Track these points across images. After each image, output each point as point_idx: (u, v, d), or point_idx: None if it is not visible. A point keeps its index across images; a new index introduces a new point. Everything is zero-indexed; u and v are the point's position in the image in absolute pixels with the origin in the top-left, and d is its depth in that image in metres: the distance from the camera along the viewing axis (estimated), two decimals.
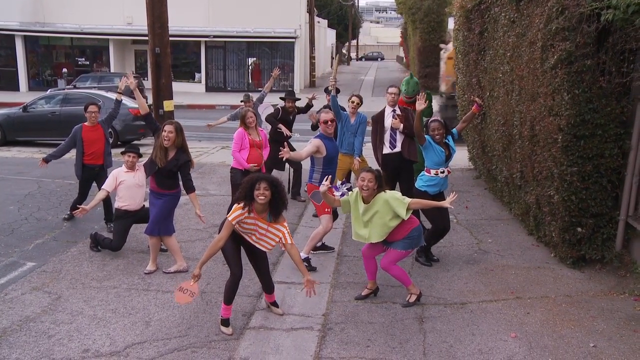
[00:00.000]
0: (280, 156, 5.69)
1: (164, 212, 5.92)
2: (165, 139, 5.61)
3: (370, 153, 7.56)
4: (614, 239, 6.01)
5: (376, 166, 6.73)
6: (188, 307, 5.16)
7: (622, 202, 5.87)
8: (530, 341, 4.63)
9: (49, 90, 18.99)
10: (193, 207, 5.89)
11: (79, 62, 29.91)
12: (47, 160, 7.38)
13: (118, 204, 6.29)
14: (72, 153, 7.43)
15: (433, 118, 6.19)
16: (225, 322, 4.83)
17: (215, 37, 28.75)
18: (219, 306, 4.95)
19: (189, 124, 15.39)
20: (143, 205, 6.42)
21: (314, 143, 6.01)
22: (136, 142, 13.70)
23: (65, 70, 27.63)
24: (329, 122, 6.08)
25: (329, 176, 5.22)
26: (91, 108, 7.26)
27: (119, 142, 13.19)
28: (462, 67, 10.01)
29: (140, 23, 19.25)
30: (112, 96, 13.78)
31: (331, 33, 49.23)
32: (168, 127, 5.63)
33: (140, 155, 6.44)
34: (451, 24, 15.74)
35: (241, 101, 9.56)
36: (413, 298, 5.29)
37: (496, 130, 7.91)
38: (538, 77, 6.16)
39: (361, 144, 7.66)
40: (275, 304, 5.16)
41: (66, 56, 30.34)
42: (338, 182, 5.59)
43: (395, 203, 4.99)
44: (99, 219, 7.60)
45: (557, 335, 4.72)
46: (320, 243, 6.51)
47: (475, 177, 10.24)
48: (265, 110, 9.46)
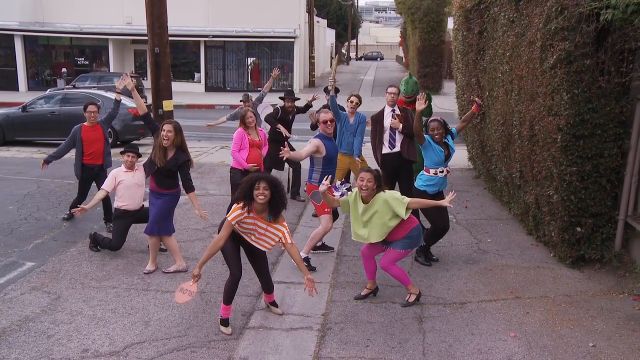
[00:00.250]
0: (280, 155, 5.69)
1: (164, 212, 5.92)
2: (164, 139, 5.62)
3: (369, 153, 7.56)
4: (613, 239, 6.02)
5: (375, 166, 6.73)
6: (187, 307, 5.16)
7: (622, 202, 5.88)
8: (529, 341, 4.64)
9: (48, 90, 18.96)
10: (192, 207, 5.89)
11: (79, 62, 29.89)
12: (48, 161, 7.37)
13: (117, 204, 6.29)
14: (72, 153, 7.43)
15: (432, 118, 6.19)
16: (224, 322, 4.83)
17: (214, 37, 28.76)
18: (219, 306, 4.95)
19: (189, 124, 15.38)
20: (142, 205, 6.42)
21: (314, 143, 6.01)
22: (135, 142, 13.70)
23: (64, 70, 27.60)
24: (328, 122, 6.08)
25: (329, 176, 5.22)
26: (90, 108, 7.25)
27: (119, 142, 13.19)
28: (462, 67, 10.01)
29: (139, 23, 19.28)
30: (112, 96, 13.78)
31: (330, 33, 49.24)
32: (167, 127, 5.63)
33: (139, 155, 6.44)
34: (450, 24, 15.76)
35: (240, 101, 9.56)
36: (412, 298, 5.29)
37: (495, 130, 7.92)
38: (537, 77, 6.17)
39: (360, 144, 7.66)
40: (274, 304, 5.16)
41: (65, 56, 30.33)
42: (337, 182, 5.59)
43: (394, 203, 4.99)
44: (99, 219, 7.60)
45: (557, 335, 4.72)
46: (319, 243, 6.51)
47: (474, 177, 10.24)
48: (264, 110, 9.46)
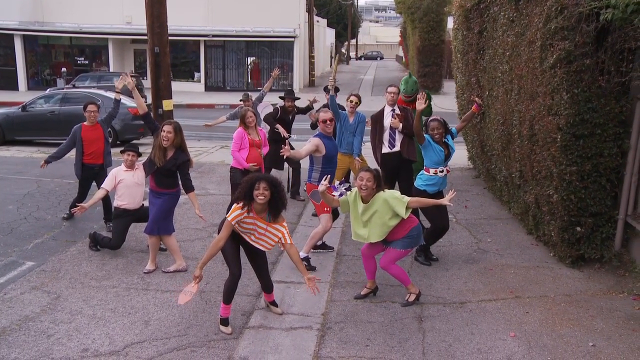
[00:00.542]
0: (280, 154, 5.70)
1: (164, 212, 5.92)
2: (164, 139, 5.62)
3: (369, 152, 7.56)
4: (613, 238, 6.02)
5: (375, 166, 6.73)
6: (187, 307, 5.16)
7: (621, 201, 5.88)
8: (529, 340, 4.64)
9: (48, 89, 18.97)
10: (192, 207, 5.89)
11: (78, 62, 29.88)
12: (48, 161, 7.37)
13: (117, 203, 6.29)
14: (73, 153, 7.42)
15: (432, 117, 6.19)
16: (224, 322, 4.83)
17: (214, 37, 28.76)
18: (218, 305, 4.95)
19: (188, 124, 15.38)
20: (142, 204, 6.42)
21: (313, 142, 6.01)
22: (135, 142, 13.68)
23: (64, 69, 27.59)
24: (328, 122, 6.08)
25: (328, 176, 5.21)
26: (90, 107, 7.25)
27: (118, 142, 13.19)
28: (461, 67, 10.00)
29: (139, 22, 19.27)
30: (112, 95, 13.79)
31: (330, 32, 49.22)
32: (167, 127, 5.64)
33: (139, 154, 6.43)
34: (450, 23, 15.75)
35: (240, 100, 9.55)
36: (412, 297, 5.29)
37: (495, 129, 7.91)
38: (537, 77, 6.16)
39: (360, 144, 7.66)
40: (274, 304, 5.16)
41: (65, 55, 30.32)
42: (336, 182, 5.59)
43: (394, 202, 4.99)
44: (98, 219, 7.60)
45: (556, 334, 4.72)
46: (319, 242, 6.51)
47: (474, 177, 10.24)
48: (264, 109, 9.46)
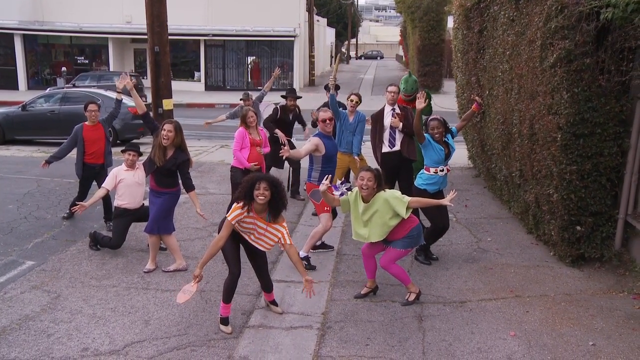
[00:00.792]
0: (280, 155, 5.70)
1: (164, 211, 5.92)
2: (164, 138, 5.62)
3: (369, 152, 7.56)
4: (613, 238, 6.02)
5: (375, 165, 6.72)
6: (187, 306, 5.16)
7: (621, 201, 5.88)
8: (529, 340, 4.64)
9: (48, 89, 18.96)
10: (192, 206, 5.89)
11: (78, 61, 29.89)
12: (49, 161, 7.35)
13: (117, 202, 6.29)
14: (73, 152, 7.41)
15: (432, 116, 6.19)
16: (224, 321, 4.83)
17: (214, 36, 28.77)
18: (218, 305, 4.95)
19: (188, 123, 15.38)
20: (142, 203, 6.42)
21: (313, 142, 6.01)
22: (136, 141, 13.67)
23: (64, 69, 27.59)
24: (327, 121, 6.08)
25: (329, 175, 5.21)
26: (91, 107, 7.24)
27: (118, 141, 13.19)
28: (462, 66, 10.00)
29: (139, 22, 19.26)
30: (111, 95, 13.83)
31: (330, 32, 49.22)
32: (167, 127, 5.64)
33: (140, 153, 6.43)
34: (450, 23, 15.75)
35: (240, 99, 9.55)
36: (412, 297, 5.29)
37: (495, 128, 7.91)
38: (537, 76, 6.16)
39: (360, 143, 7.65)
40: (274, 303, 5.16)
41: (65, 55, 30.33)
42: (338, 182, 5.58)
43: (395, 202, 4.99)
44: (99, 218, 7.60)
45: (556, 333, 4.73)
46: (319, 242, 6.51)
47: (474, 176, 10.24)
48: (266, 108, 9.45)
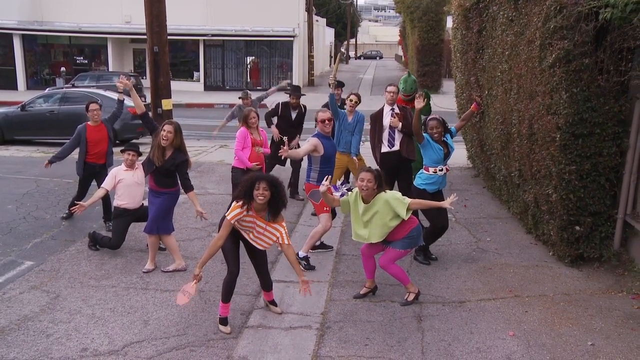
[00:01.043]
0: (279, 154, 5.70)
1: (163, 211, 5.92)
2: (163, 138, 5.62)
3: (368, 152, 7.56)
4: (612, 238, 6.02)
5: (374, 165, 6.73)
6: (186, 306, 5.15)
7: (620, 201, 5.88)
8: (528, 339, 4.64)
9: (47, 89, 18.94)
10: (191, 206, 5.89)
11: (78, 61, 29.88)
12: (52, 161, 7.31)
13: (117, 202, 6.29)
14: (75, 151, 7.39)
15: (431, 116, 6.19)
16: (223, 321, 4.82)
17: (213, 36, 28.76)
18: (217, 305, 4.95)
19: (188, 123, 15.41)
20: (142, 203, 6.42)
21: (312, 142, 6.01)
22: (135, 141, 13.65)
23: (63, 69, 27.57)
24: (326, 121, 6.08)
25: (329, 176, 5.21)
26: (92, 107, 7.21)
27: (117, 141, 13.15)
28: (461, 66, 10.01)
29: (138, 22, 19.28)
30: (111, 95, 13.82)
31: (330, 32, 49.21)
32: (168, 127, 5.64)
33: (139, 153, 6.43)
34: (449, 23, 15.74)
35: (239, 97, 9.55)
36: (411, 297, 5.29)
37: (495, 128, 7.92)
38: (536, 76, 6.16)
39: (358, 143, 7.66)
40: (273, 303, 5.16)
41: (64, 55, 30.31)
42: (338, 182, 5.58)
43: (395, 203, 4.99)
44: (98, 218, 7.59)
45: (555, 333, 4.73)
46: (318, 242, 6.51)
47: (473, 176, 10.24)
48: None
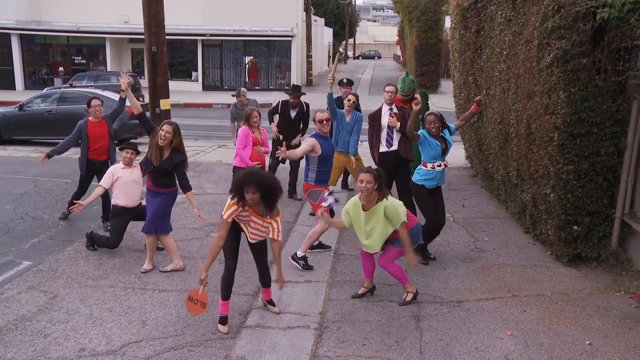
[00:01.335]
0: (276, 155, 5.70)
1: (161, 211, 5.92)
2: (161, 138, 5.61)
3: (366, 152, 7.56)
4: (610, 237, 6.03)
5: (372, 164, 6.72)
6: (184, 307, 5.14)
7: (618, 200, 5.89)
8: (526, 339, 4.64)
9: (45, 89, 18.93)
10: (189, 206, 5.89)
11: (76, 61, 29.85)
12: (50, 155, 7.34)
13: (115, 201, 6.29)
14: (72, 151, 7.39)
15: (429, 111, 6.20)
16: (223, 320, 4.81)
17: (212, 36, 28.75)
18: (216, 305, 4.95)
19: (186, 123, 15.38)
20: (140, 202, 6.42)
21: (309, 142, 6.01)
22: (133, 141, 13.65)
23: (61, 68, 27.56)
24: (324, 122, 6.08)
25: (327, 206, 5.17)
26: (94, 102, 7.27)
27: (116, 141, 13.13)
28: (459, 66, 10.01)
29: (136, 22, 19.26)
30: (109, 95, 13.81)
31: (328, 31, 49.18)
32: (166, 127, 5.63)
33: (138, 152, 6.44)
34: (448, 23, 15.75)
35: (232, 95, 9.58)
36: (409, 296, 5.29)
37: (493, 128, 7.92)
38: (534, 76, 6.17)
39: (356, 143, 7.65)
40: (271, 303, 5.15)
41: (62, 55, 30.27)
42: (325, 193, 5.54)
43: (393, 216, 4.96)
44: (96, 218, 7.59)
45: (553, 333, 4.73)
46: (317, 242, 6.51)
47: (471, 176, 10.25)
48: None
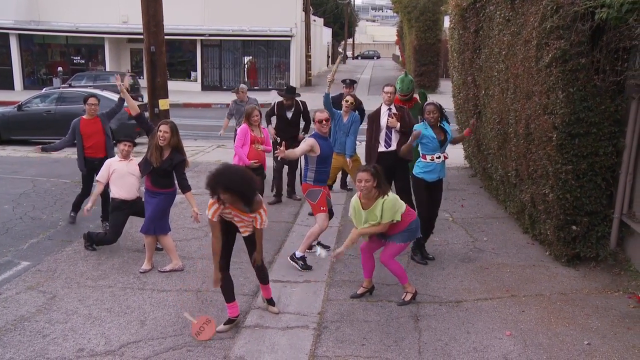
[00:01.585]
0: (275, 155, 5.70)
1: (160, 211, 5.91)
2: (160, 139, 5.61)
3: (363, 151, 7.54)
4: (609, 237, 6.03)
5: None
6: (184, 307, 5.15)
7: (617, 200, 5.89)
8: (525, 339, 4.65)
9: (44, 89, 18.92)
10: (188, 207, 5.89)
11: (75, 61, 29.83)
12: (45, 149, 7.39)
13: (113, 194, 6.30)
14: (71, 151, 7.40)
15: (428, 102, 6.21)
16: (228, 321, 4.77)
17: (211, 36, 28.74)
18: (215, 305, 4.95)
19: (185, 123, 15.38)
20: (139, 196, 6.40)
21: (308, 142, 6.01)
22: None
23: (60, 68, 27.47)
24: (324, 122, 6.07)
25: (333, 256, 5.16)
26: (91, 100, 7.31)
27: (114, 141, 13.14)
28: (458, 66, 10.02)
29: (135, 22, 19.25)
30: (108, 95, 13.80)
31: (327, 32, 49.20)
32: (163, 127, 5.64)
33: (135, 144, 6.53)
34: (447, 23, 15.77)
35: (232, 91, 9.60)
36: (408, 296, 5.30)
37: (491, 128, 7.93)
38: (533, 76, 6.18)
39: (353, 144, 7.63)
40: (271, 302, 5.14)
41: (61, 55, 30.24)
42: (318, 249, 5.47)
43: (387, 210, 4.96)
44: (95, 218, 7.57)
45: (552, 333, 4.74)
46: (315, 242, 6.51)
47: (470, 176, 10.25)
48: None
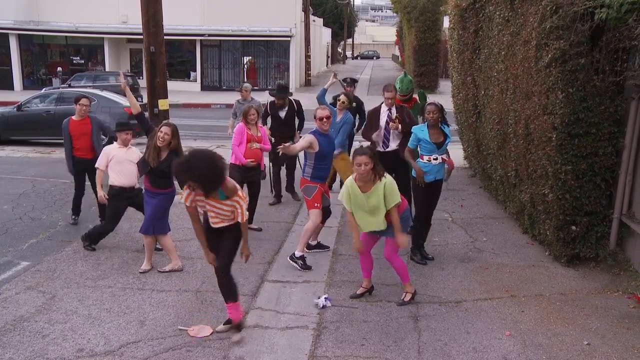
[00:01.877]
0: (277, 150, 5.72)
1: (159, 211, 5.91)
2: (159, 139, 5.61)
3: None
4: (608, 237, 6.04)
5: None
6: (183, 307, 5.15)
7: (616, 201, 5.89)
8: (524, 339, 4.65)
9: (44, 89, 18.91)
10: None
11: (74, 61, 29.79)
12: (70, 170, 7.40)
13: (112, 181, 6.30)
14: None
15: (429, 102, 6.22)
16: (237, 327, 4.66)
17: (210, 36, 28.71)
18: (214, 305, 4.95)
19: (185, 123, 15.37)
20: (137, 185, 6.39)
21: (307, 139, 6.01)
22: (132, 140, 13.63)
23: (60, 69, 27.43)
24: (324, 119, 6.08)
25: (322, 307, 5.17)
26: (83, 101, 7.30)
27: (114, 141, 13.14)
28: (457, 66, 10.02)
29: (135, 22, 19.22)
30: (107, 95, 13.81)
31: (327, 32, 49.20)
32: (165, 129, 5.63)
33: (136, 133, 6.61)
34: (446, 23, 15.79)
35: (237, 90, 9.61)
36: (408, 297, 5.30)
37: (491, 128, 7.93)
38: (532, 76, 6.18)
39: (341, 144, 7.59)
40: (229, 322, 4.82)
41: (61, 55, 30.20)
42: (322, 297, 5.39)
43: (389, 194, 4.94)
44: (94, 218, 7.57)
45: (552, 333, 4.74)
46: (315, 242, 6.51)
47: (470, 176, 10.25)
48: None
